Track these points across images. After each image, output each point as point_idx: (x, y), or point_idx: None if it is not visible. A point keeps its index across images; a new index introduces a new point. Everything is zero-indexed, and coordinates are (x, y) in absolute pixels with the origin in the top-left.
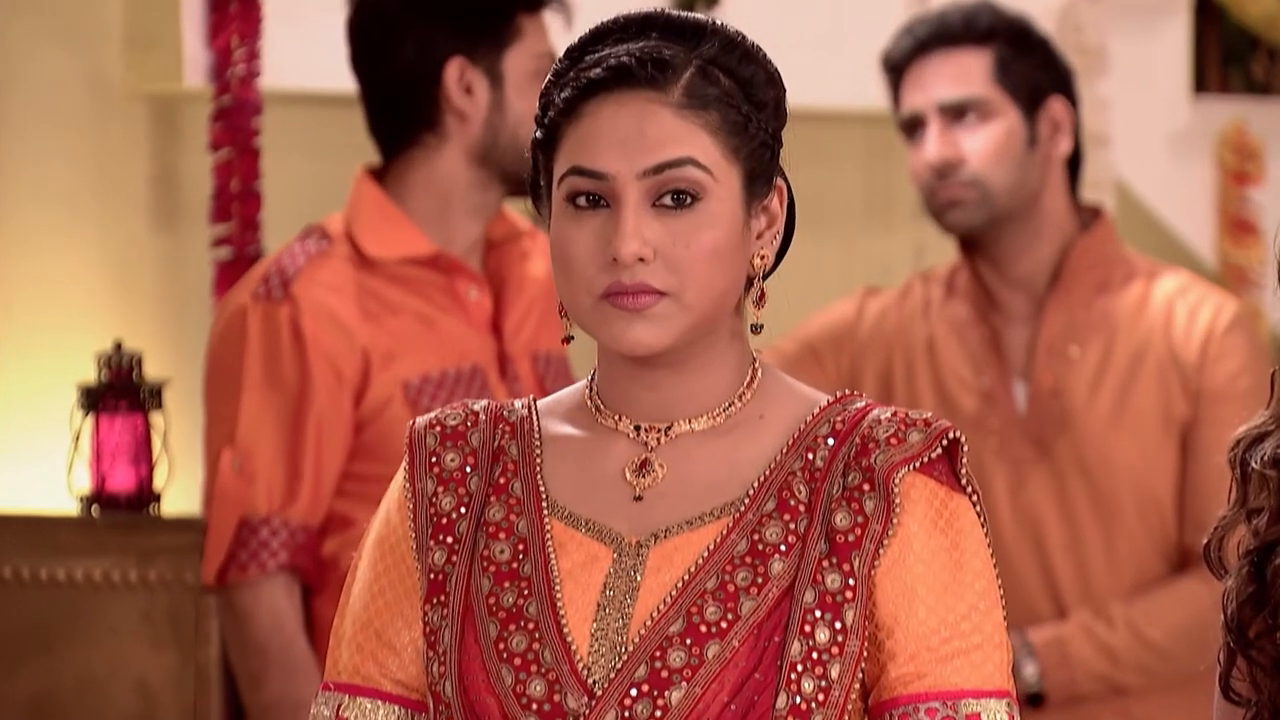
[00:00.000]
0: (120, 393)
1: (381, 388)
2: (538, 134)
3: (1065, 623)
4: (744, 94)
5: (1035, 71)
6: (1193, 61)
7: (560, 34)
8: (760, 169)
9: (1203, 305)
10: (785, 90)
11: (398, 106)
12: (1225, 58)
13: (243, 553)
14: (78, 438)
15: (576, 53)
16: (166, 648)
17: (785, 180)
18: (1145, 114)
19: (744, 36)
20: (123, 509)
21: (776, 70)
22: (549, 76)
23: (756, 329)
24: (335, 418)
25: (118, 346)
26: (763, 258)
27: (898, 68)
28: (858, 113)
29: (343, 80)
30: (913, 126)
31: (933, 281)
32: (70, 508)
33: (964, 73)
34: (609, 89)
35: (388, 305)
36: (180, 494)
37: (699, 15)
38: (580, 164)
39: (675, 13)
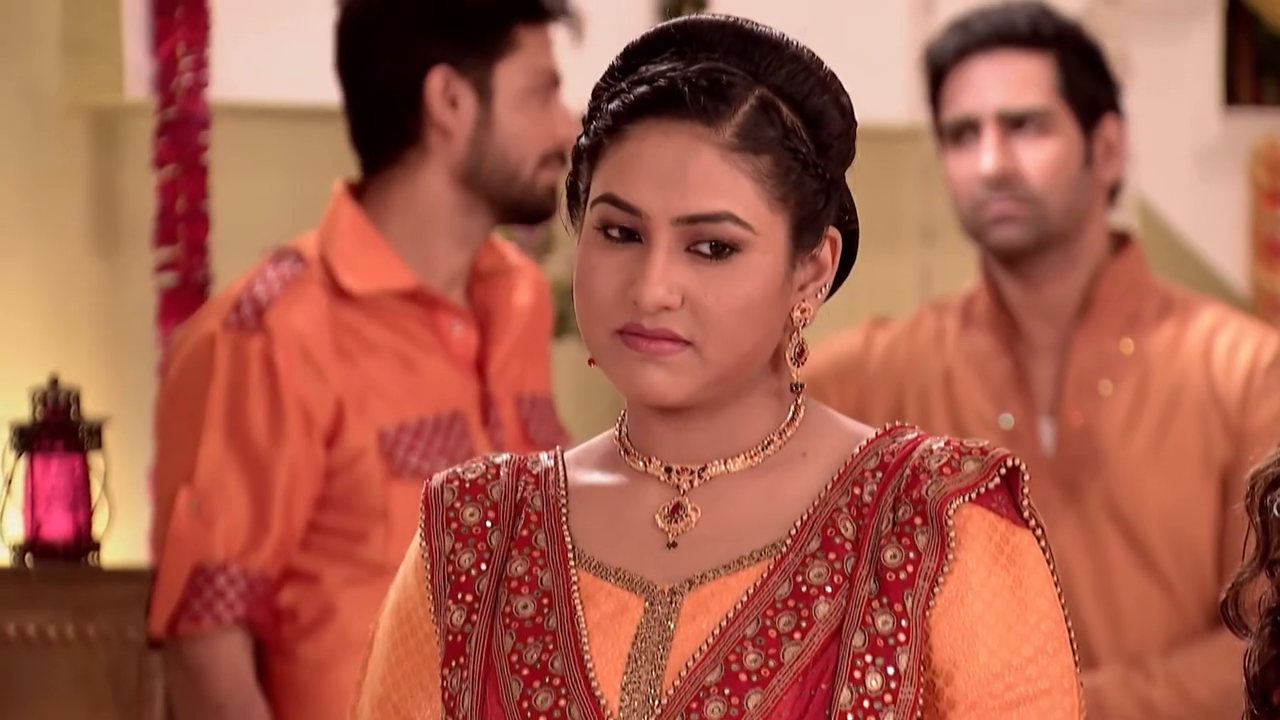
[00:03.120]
0: (56, 432)
1: (355, 435)
2: (582, 139)
3: (1099, 671)
4: (809, 131)
5: (1094, 86)
6: (1223, 71)
7: (566, 51)
8: (811, 218)
9: (1243, 341)
10: (856, 123)
11: (379, 118)
12: (1258, 67)
13: (196, 602)
14: (10, 481)
15: (634, 56)
16: (106, 709)
17: (853, 222)
18: (1171, 128)
19: (820, 62)
20: (59, 558)
21: (849, 102)
22: (604, 75)
23: (796, 388)
24: (306, 462)
25: (53, 381)
26: (804, 311)
27: (943, 66)
28: (859, 127)
29: (299, 91)
30: (960, 131)
31: (946, 312)
32: (1, 557)
33: (1027, 79)
34: (657, 113)
35: (365, 343)
36: (122, 542)
37: (774, 31)
38: (615, 193)
39: (749, 26)
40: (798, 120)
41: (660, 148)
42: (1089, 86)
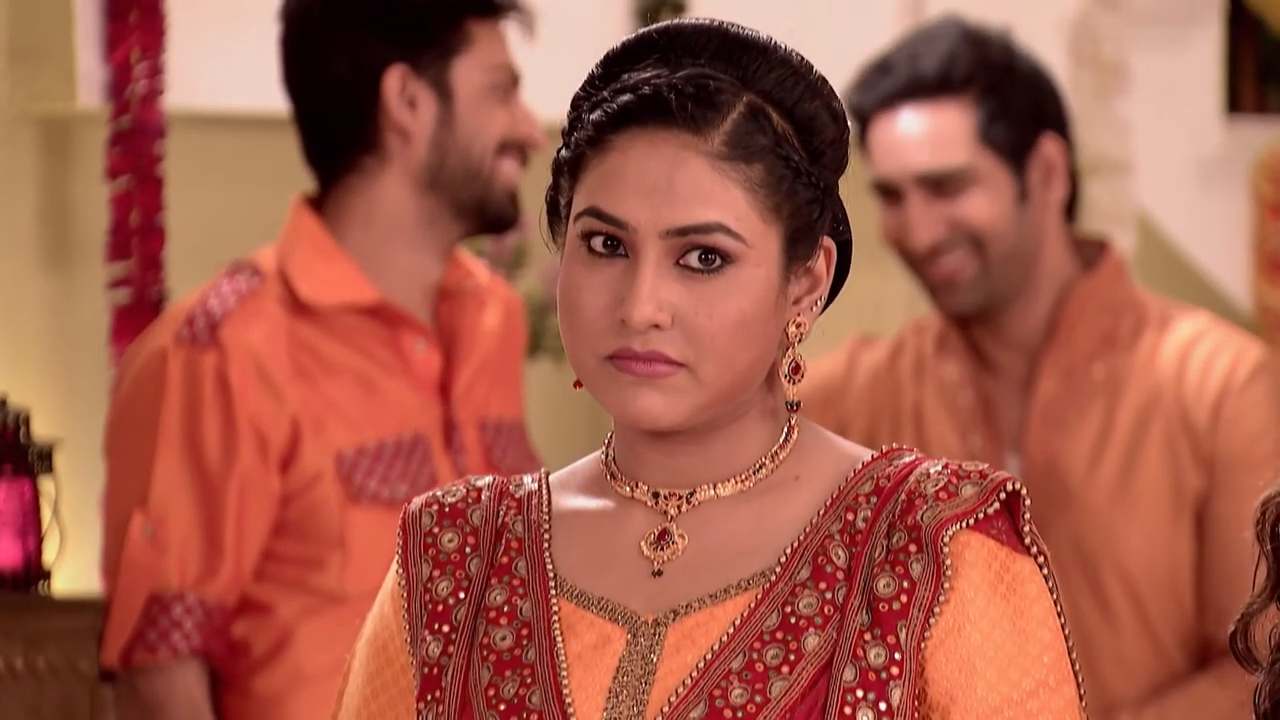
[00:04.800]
0: (4, 455)
1: (312, 458)
2: (563, 151)
3: None
4: (800, 139)
5: (1022, 118)
6: (1225, 78)
7: (520, 47)
8: (805, 229)
9: (1219, 354)
10: (849, 130)
11: (332, 125)
12: (1262, 74)
13: (151, 632)
14: None
15: (615, 63)
16: None
17: (847, 231)
18: (1171, 137)
19: (810, 66)
20: (7, 588)
21: (841, 108)
22: (583, 84)
23: (793, 406)
24: (260, 485)
25: (1, 402)
26: (799, 325)
27: (864, 117)
28: None
29: (259, 99)
30: (885, 191)
31: (926, 333)
32: None
33: (943, 136)
34: (642, 122)
35: (323, 361)
36: (73, 571)
37: (761, 35)
38: (600, 207)
39: (735, 30)
40: (788, 127)
41: (646, 158)
42: (1013, 124)
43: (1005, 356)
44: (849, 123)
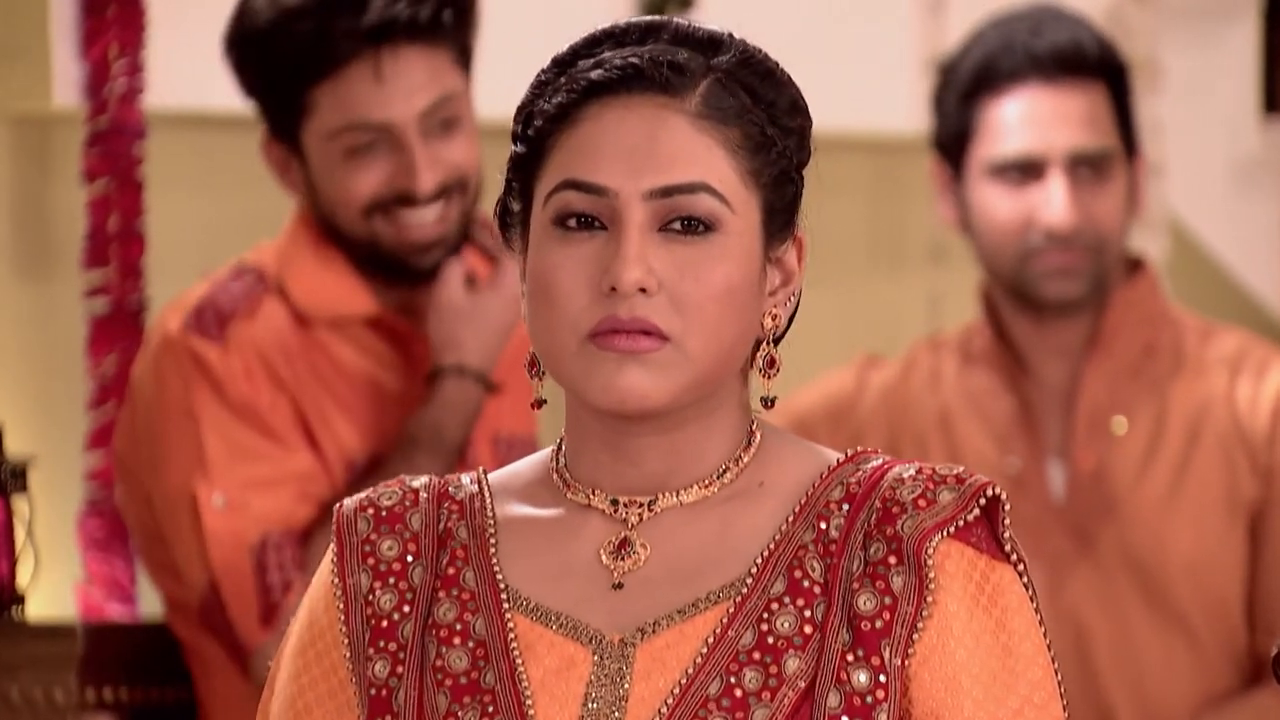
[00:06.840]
0: None
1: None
2: (518, 148)
3: None
4: (767, 115)
5: (1133, 117)
6: (1262, 76)
7: (521, 48)
8: (781, 203)
9: (1269, 369)
10: (812, 122)
11: None
12: None
13: (274, 587)
14: None
15: (567, 59)
16: None
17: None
18: (1206, 138)
19: (766, 54)
20: None
21: (803, 98)
22: (530, 89)
23: (768, 402)
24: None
25: None
26: (774, 317)
27: (989, 86)
28: (862, 138)
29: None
30: (1013, 169)
31: (943, 349)
32: None
33: (1096, 115)
34: (614, 91)
35: (336, 365)
36: (48, 595)
37: (714, 27)
38: (576, 176)
39: (687, 22)
40: (754, 104)
41: (622, 122)
42: (1130, 120)
43: (1046, 363)
44: (953, 88)
